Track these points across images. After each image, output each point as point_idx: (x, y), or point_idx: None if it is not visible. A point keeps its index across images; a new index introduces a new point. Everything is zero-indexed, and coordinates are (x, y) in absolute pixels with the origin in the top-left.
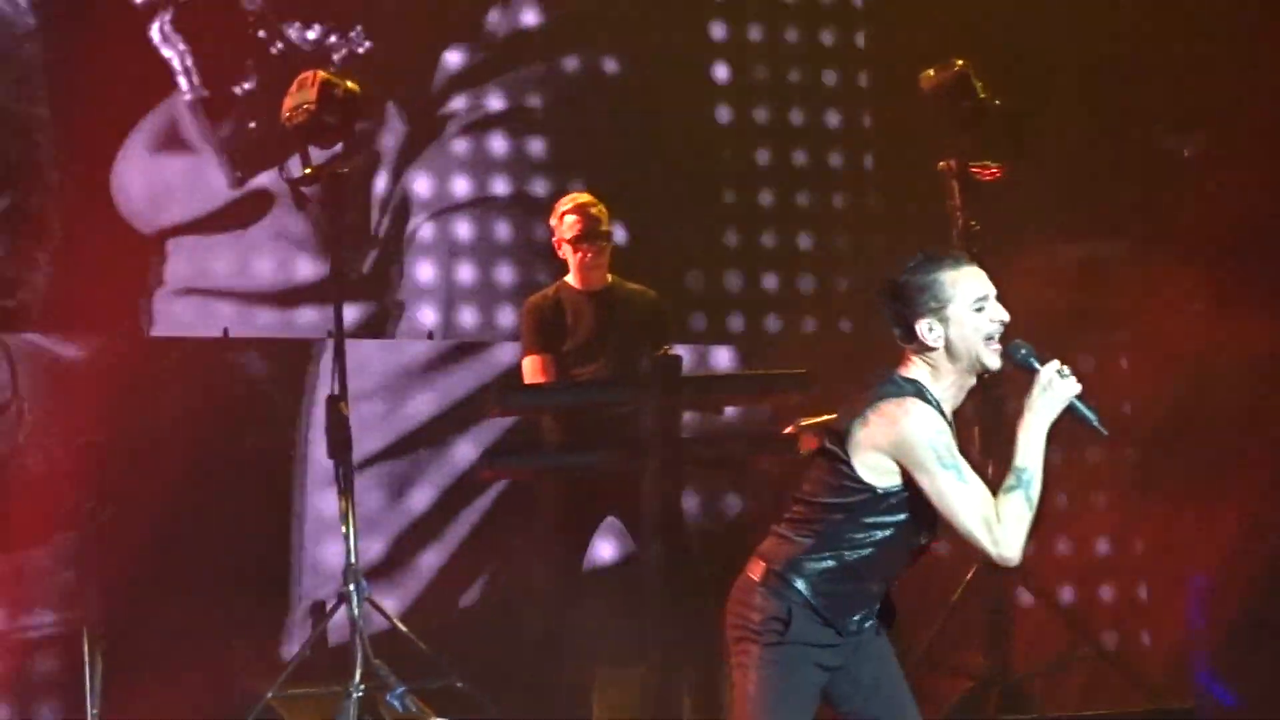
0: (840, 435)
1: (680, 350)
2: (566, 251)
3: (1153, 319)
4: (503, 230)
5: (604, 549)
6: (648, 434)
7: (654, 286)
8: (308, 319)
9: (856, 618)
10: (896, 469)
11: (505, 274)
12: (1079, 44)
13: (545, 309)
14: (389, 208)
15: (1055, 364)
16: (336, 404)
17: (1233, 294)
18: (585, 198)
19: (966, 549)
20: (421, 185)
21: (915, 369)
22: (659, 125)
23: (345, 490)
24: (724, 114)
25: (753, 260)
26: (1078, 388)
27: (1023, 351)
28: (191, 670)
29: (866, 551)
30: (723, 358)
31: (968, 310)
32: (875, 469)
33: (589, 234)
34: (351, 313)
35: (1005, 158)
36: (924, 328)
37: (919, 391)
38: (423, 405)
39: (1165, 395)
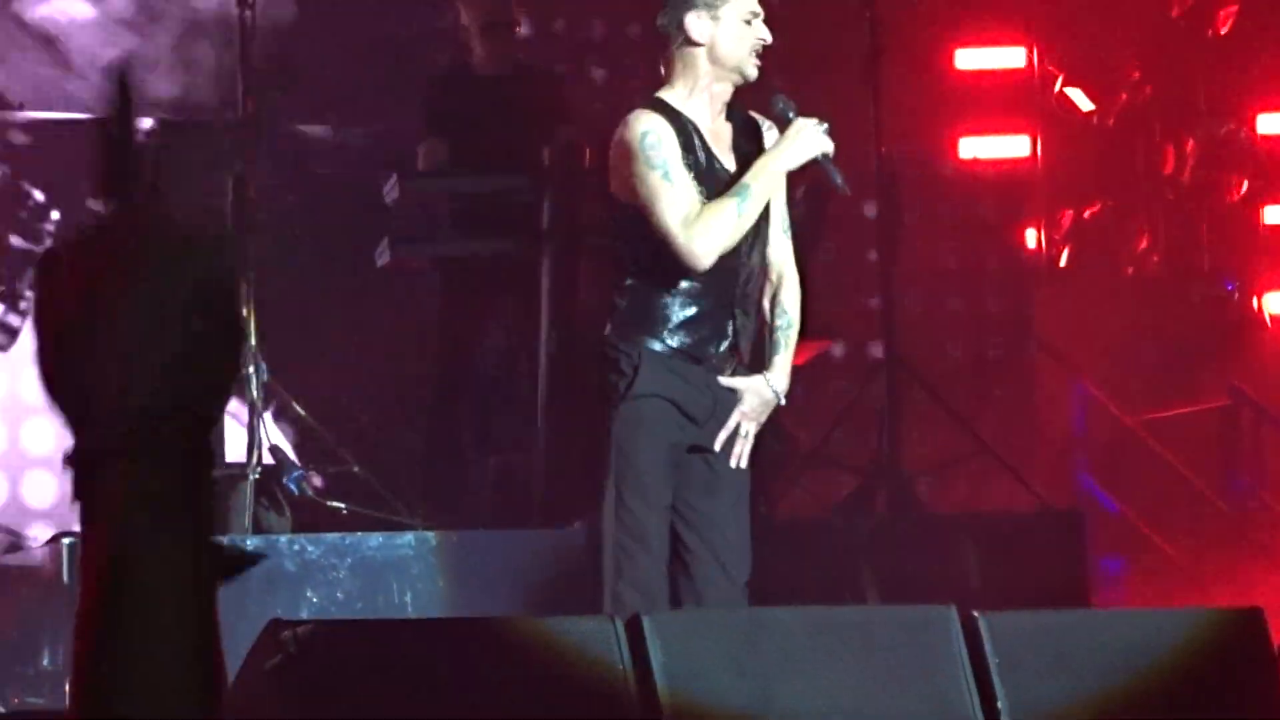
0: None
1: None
2: None
3: None
4: None
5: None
6: (547, 222)
7: None
8: None
9: (704, 342)
10: None
11: None
12: None
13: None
14: None
15: (814, 121)
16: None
17: None
18: None
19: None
20: None
21: (667, 88)
22: None
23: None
24: None
25: None
26: (830, 146)
27: (781, 104)
28: None
29: (664, 260)
30: None
31: (738, 19)
32: (625, 190)
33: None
34: None
35: None
36: (693, 20)
37: (653, 104)
38: None
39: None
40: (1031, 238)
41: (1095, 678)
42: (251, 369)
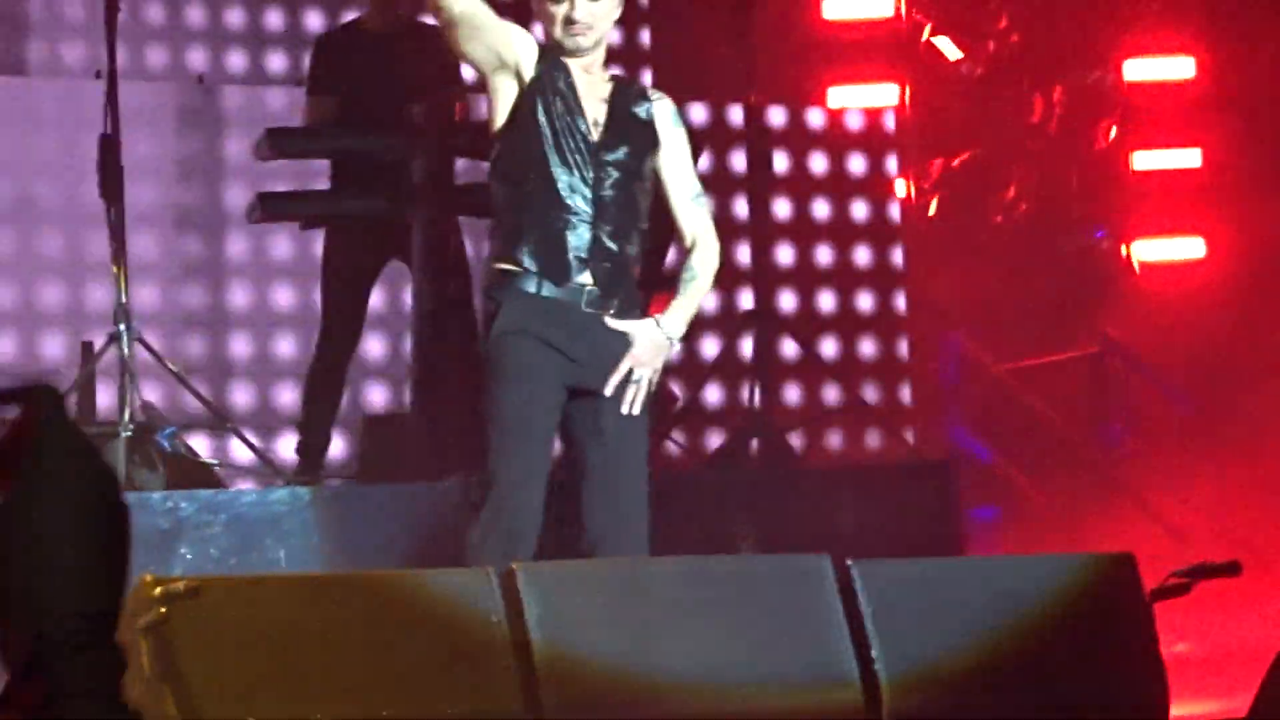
0: None
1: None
2: None
3: None
4: None
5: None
6: (418, 180)
7: None
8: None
9: (556, 262)
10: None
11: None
12: None
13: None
14: None
15: None
16: (109, 143)
17: None
18: None
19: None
20: None
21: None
22: None
23: (116, 231)
24: None
25: None
26: None
27: None
28: None
29: (524, 192)
30: None
31: (538, 1)
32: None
33: None
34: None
35: None
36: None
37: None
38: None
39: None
40: (901, 187)
41: (969, 625)
42: (122, 326)
